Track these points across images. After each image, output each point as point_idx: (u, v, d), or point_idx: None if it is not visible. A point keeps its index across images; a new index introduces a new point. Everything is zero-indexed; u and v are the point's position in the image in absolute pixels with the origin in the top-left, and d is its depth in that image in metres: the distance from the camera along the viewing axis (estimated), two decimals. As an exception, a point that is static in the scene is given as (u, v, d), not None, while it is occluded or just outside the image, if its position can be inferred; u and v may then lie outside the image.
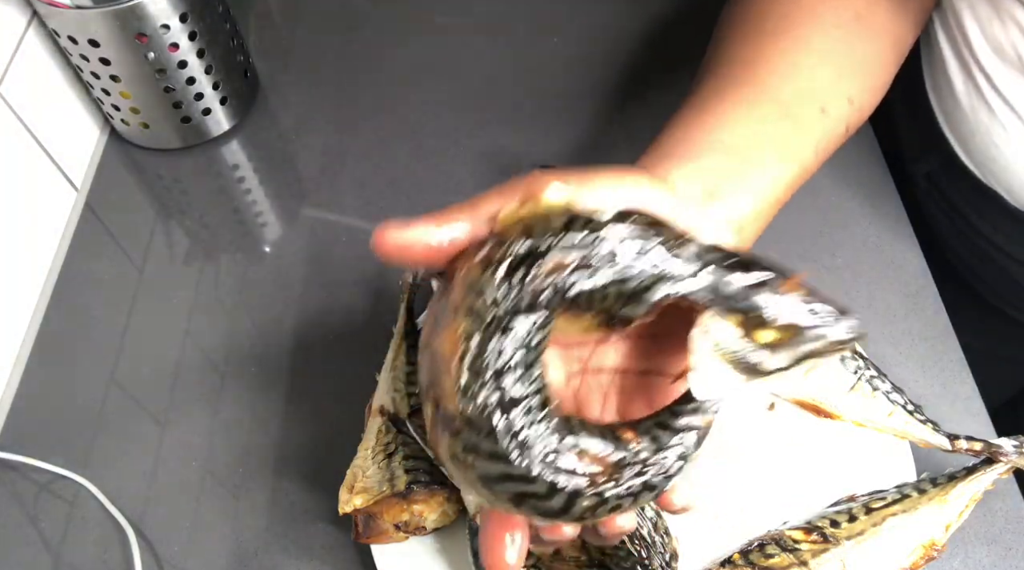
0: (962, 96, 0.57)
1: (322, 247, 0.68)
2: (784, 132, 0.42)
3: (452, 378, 0.28)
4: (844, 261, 0.64)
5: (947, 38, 0.57)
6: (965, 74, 0.56)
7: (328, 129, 0.77)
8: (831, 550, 0.46)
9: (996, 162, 0.57)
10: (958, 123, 0.59)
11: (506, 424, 0.27)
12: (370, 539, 0.48)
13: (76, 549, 0.54)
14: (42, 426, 0.59)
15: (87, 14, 0.62)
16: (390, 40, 0.85)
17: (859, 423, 0.53)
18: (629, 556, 0.44)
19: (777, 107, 0.43)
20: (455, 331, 0.28)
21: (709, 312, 0.29)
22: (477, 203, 0.32)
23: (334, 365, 0.61)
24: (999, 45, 0.52)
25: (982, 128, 0.56)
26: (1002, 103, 0.54)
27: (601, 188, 0.33)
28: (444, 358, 0.28)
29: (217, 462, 0.57)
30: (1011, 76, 0.53)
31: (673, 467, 0.30)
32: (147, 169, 0.75)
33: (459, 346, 0.28)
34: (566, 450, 0.28)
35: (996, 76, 0.54)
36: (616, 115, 0.76)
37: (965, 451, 0.50)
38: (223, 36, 0.70)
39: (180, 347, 0.63)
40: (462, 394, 0.27)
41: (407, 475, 0.49)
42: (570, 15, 0.85)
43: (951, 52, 0.57)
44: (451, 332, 0.28)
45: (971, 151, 0.59)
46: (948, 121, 0.61)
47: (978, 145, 0.58)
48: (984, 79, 0.54)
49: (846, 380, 0.53)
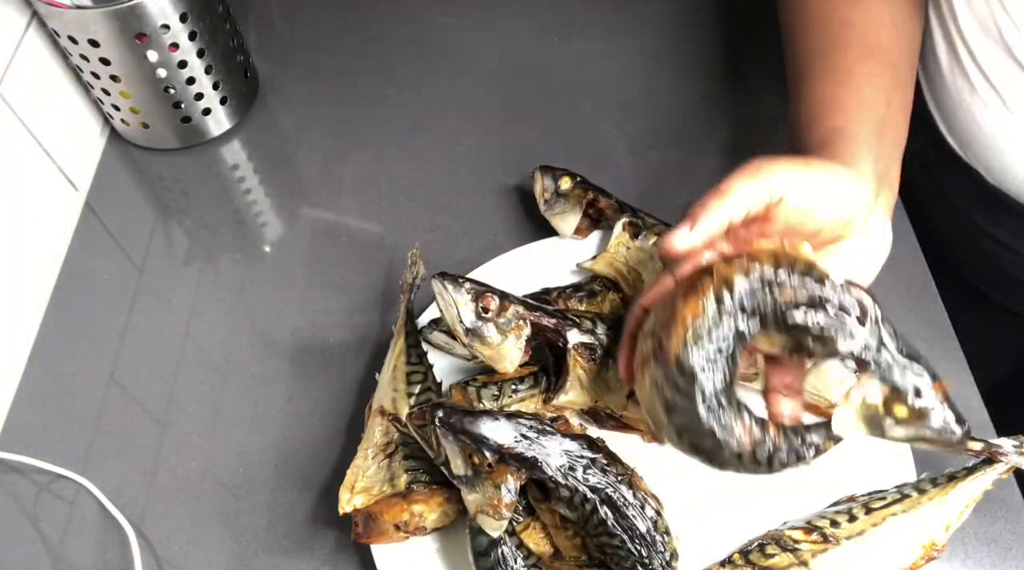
0: (947, 73, 0.58)
1: (322, 247, 0.68)
2: (904, 96, 0.51)
3: (682, 329, 0.38)
4: (844, 261, 0.64)
5: (936, 14, 0.58)
6: (950, 50, 0.57)
7: (328, 129, 0.77)
8: (831, 550, 0.46)
9: (976, 140, 0.58)
10: (943, 100, 0.60)
11: (702, 377, 0.38)
12: (370, 539, 0.48)
13: (76, 549, 0.54)
14: (42, 426, 0.59)
15: (87, 14, 0.62)
16: (390, 40, 0.85)
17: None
18: (629, 556, 0.44)
19: (895, 74, 0.50)
20: (698, 302, 0.38)
21: (870, 373, 0.39)
22: (727, 200, 0.40)
23: (334, 365, 0.61)
24: (983, 21, 0.53)
25: (964, 105, 0.57)
26: (983, 80, 0.55)
27: (818, 177, 0.41)
28: (682, 316, 0.39)
29: (217, 462, 0.57)
30: (993, 53, 0.53)
31: (788, 461, 0.40)
32: (147, 169, 0.75)
33: (699, 312, 0.38)
34: (730, 413, 0.38)
35: (979, 53, 0.54)
36: (616, 114, 0.76)
37: (965, 451, 0.50)
38: (223, 36, 0.70)
39: (180, 347, 0.63)
40: (684, 344, 0.38)
41: (407, 475, 0.49)
42: (570, 15, 0.85)
43: (939, 28, 0.58)
44: (695, 301, 0.39)
45: (954, 129, 0.60)
46: (934, 98, 0.61)
47: (960, 122, 0.59)
48: (968, 56, 0.55)
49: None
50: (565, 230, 0.62)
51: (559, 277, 0.61)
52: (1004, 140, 0.56)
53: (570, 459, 0.45)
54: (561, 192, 0.63)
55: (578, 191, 0.62)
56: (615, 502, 0.45)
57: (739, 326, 0.38)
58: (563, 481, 0.45)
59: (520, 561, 0.46)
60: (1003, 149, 0.56)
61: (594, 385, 0.52)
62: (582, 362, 0.51)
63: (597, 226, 0.63)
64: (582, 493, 0.45)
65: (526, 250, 0.62)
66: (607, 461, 0.46)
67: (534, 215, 0.66)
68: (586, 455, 0.45)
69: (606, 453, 0.46)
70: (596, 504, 0.45)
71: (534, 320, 0.51)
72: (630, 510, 0.45)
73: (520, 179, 0.71)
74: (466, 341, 0.51)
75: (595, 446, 0.46)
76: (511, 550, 0.46)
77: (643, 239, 0.59)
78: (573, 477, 0.45)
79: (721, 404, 0.38)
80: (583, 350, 0.51)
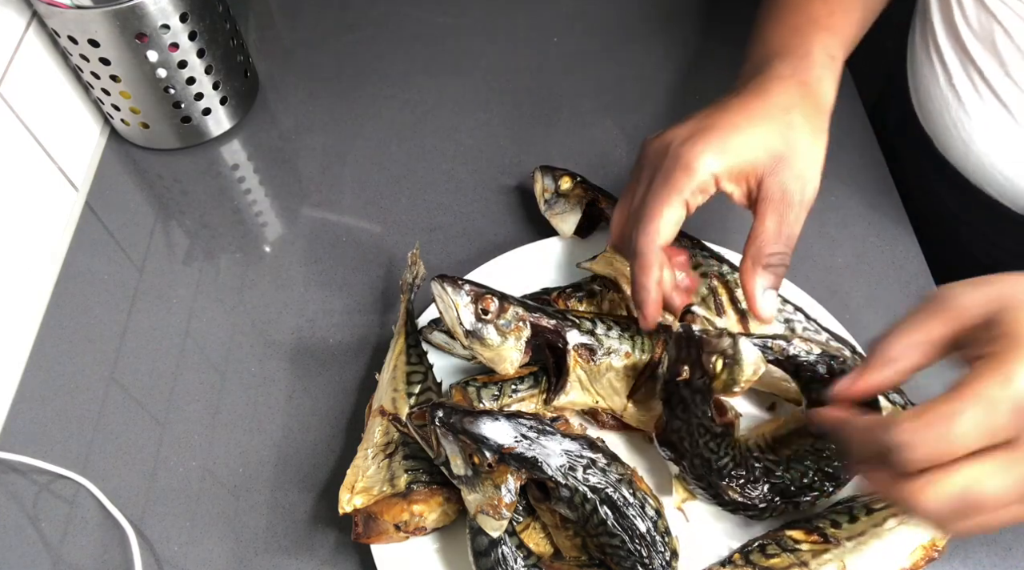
0: (918, 48, 0.65)
1: (322, 247, 0.68)
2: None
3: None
4: (844, 261, 0.64)
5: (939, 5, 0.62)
6: (921, 27, 0.63)
7: (328, 129, 0.77)
8: (831, 550, 0.46)
9: (929, 112, 0.65)
10: (915, 71, 0.67)
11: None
12: (370, 539, 0.48)
13: (76, 549, 0.54)
14: (42, 426, 0.59)
15: (87, 14, 0.62)
16: (390, 40, 0.85)
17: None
18: (629, 556, 0.44)
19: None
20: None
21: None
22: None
23: (334, 365, 0.61)
24: (942, 1, 0.59)
25: (924, 77, 0.64)
26: (937, 57, 0.62)
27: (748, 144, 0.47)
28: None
29: (217, 462, 0.57)
30: (944, 32, 0.60)
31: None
32: (147, 169, 0.75)
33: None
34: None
35: (937, 31, 0.61)
36: (616, 114, 0.76)
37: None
38: (223, 36, 0.70)
39: (180, 347, 0.63)
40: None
41: (407, 475, 0.49)
42: (570, 15, 0.85)
43: (920, 4, 0.64)
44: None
45: (919, 100, 0.67)
46: (911, 70, 0.67)
47: (921, 93, 0.66)
48: (931, 34, 0.62)
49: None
50: (565, 230, 0.62)
51: (559, 277, 0.61)
52: (947, 113, 0.62)
53: (570, 459, 0.45)
54: (561, 192, 0.63)
55: (578, 191, 0.62)
56: (615, 502, 0.45)
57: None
58: (563, 481, 0.45)
59: (520, 561, 0.46)
60: (947, 121, 0.62)
61: (595, 386, 0.52)
62: (582, 363, 0.51)
63: (597, 226, 0.63)
64: (582, 493, 0.45)
65: (526, 250, 0.62)
66: (607, 461, 0.46)
67: (534, 215, 0.66)
68: (586, 455, 0.45)
69: (606, 453, 0.46)
70: (596, 504, 0.45)
71: (534, 321, 0.51)
72: (630, 510, 0.45)
73: (520, 179, 0.71)
74: (466, 343, 0.51)
75: (595, 446, 0.46)
76: (511, 550, 0.46)
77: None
78: (573, 477, 0.45)
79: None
80: (583, 351, 0.51)
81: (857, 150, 0.71)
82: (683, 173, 0.46)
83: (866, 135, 0.72)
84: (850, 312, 0.60)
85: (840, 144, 0.71)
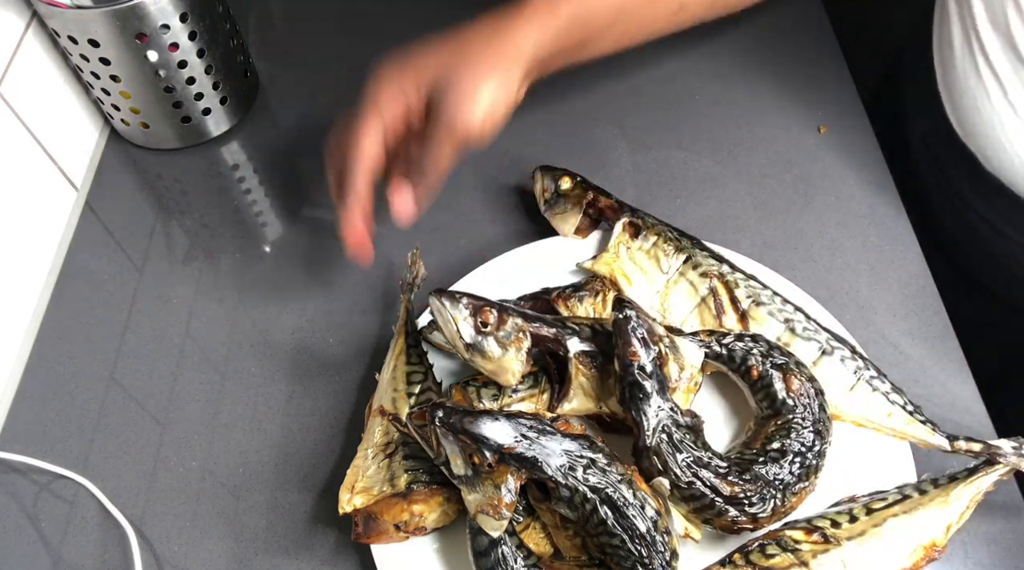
0: (959, 61, 0.60)
1: (322, 247, 0.68)
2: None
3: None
4: (844, 261, 0.64)
5: (956, 1, 0.60)
6: (965, 39, 0.59)
7: (328, 129, 0.77)
8: (832, 550, 0.46)
9: (976, 126, 0.60)
10: (952, 85, 0.62)
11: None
12: (370, 539, 0.48)
13: (76, 549, 0.54)
14: (42, 426, 0.59)
15: (87, 14, 0.62)
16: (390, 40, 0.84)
17: (859, 423, 0.53)
18: (629, 556, 0.44)
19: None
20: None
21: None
22: None
23: (334, 365, 0.61)
24: (994, 14, 0.55)
25: (969, 92, 0.59)
26: (989, 70, 0.57)
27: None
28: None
29: (217, 462, 0.57)
30: (999, 45, 0.55)
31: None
32: (147, 169, 0.75)
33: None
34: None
35: (988, 43, 0.56)
36: (616, 115, 0.76)
37: (964, 452, 0.50)
38: (223, 36, 0.70)
39: (180, 347, 0.63)
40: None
41: (407, 475, 0.49)
42: (570, 15, 0.85)
43: (956, 15, 0.60)
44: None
45: (959, 114, 0.62)
46: (945, 83, 0.63)
47: (964, 108, 0.61)
48: (978, 46, 0.57)
49: (846, 380, 0.53)
50: (565, 230, 0.62)
51: (559, 277, 0.61)
52: (1000, 128, 0.58)
53: (570, 459, 0.45)
54: (561, 192, 0.63)
55: (578, 191, 0.62)
56: (615, 502, 0.45)
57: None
58: (563, 481, 0.45)
59: (520, 561, 0.46)
60: (1000, 137, 0.58)
61: (597, 391, 0.52)
62: (584, 370, 0.51)
63: (597, 226, 0.63)
64: (582, 493, 0.45)
65: (526, 250, 0.62)
66: (607, 461, 0.46)
67: (534, 215, 0.66)
68: (586, 455, 0.45)
69: (606, 453, 0.46)
70: (596, 504, 0.45)
71: (534, 331, 0.51)
72: (630, 510, 0.45)
73: (520, 179, 0.71)
74: (467, 356, 0.51)
75: (595, 446, 0.46)
76: (511, 550, 0.46)
77: (643, 239, 0.59)
78: (573, 477, 0.45)
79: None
80: (584, 358, 0.51)
81: (858, 150, 0.71)
82: (371, 85, 0.54)
83: (866, 135, 0.72)
84: (850, 312, 0.60)
85: (840, 144, 0.71)
